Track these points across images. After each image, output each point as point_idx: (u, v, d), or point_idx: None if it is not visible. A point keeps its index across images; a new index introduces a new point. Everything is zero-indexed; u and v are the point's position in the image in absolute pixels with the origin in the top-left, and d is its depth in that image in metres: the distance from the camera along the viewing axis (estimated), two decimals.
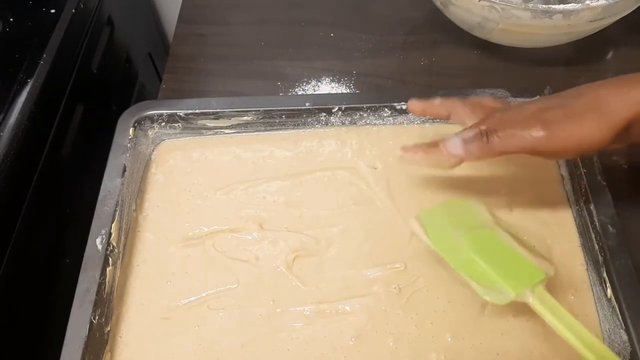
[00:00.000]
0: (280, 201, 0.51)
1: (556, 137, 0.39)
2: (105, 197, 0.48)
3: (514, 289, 0.39)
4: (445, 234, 0.43)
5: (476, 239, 0.43)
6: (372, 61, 0.66)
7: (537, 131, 0.39)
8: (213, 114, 0.54)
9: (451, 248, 0.43)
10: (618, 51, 0.66)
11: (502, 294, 0.40)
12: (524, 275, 0.41)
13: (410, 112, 0.51)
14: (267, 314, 0.45)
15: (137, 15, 0.87)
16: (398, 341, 0.44)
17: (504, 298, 0.40)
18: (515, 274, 0.41)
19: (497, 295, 0.40)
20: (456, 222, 0.45)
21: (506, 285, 0.40)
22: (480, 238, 0.43)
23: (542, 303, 0.39)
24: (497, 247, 0.43)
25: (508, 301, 0.39)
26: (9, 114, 0.51)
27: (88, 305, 0.42)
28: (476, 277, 0.41)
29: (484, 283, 0.40)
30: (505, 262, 0.42)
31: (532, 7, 0.53)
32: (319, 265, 0.48)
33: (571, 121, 0.39)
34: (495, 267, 0.41)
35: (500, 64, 0.65)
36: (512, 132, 0.40)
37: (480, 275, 0.41)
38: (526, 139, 0.40)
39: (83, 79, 0.63)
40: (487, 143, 0.40)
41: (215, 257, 0.48)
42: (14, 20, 0.59)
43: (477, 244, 0.43)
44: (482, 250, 0.42)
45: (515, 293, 0.39)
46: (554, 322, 0.39)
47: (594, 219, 0.47)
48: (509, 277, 0.40)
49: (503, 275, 0.40)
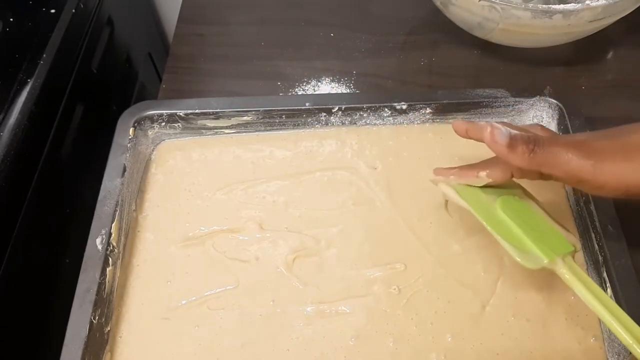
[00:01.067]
0: (280, 201, 0.51)
1: (604, 169, 0.36)
2: (105, 197, 0.48)
3: (547, 255, 0.39)
4: (478, 197, 0.43)
5: (508, 204, 0.42)
6: (372, 61, 0.66)
7: (584, 158, 0.37)
8: (213, 114, 0.54)
9: (485, 208, 0.42)
10: (618, 51, 0.66)
11: (534, 258, 0.39)
12: (554, 244, 0.40)
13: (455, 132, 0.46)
14: (267, 314, 0.45)
15: (137, 15, 0.87)
16: (398, 341, 0.44)
17: (536, 263, 0.39)
18: (546, 241, 0.40)
19: (529, 259, 0.39)
20: (487, 189, 0.44)
21: (539, 250, 0.39)
22: (512, 204, 0.43)
23: (574, 273, 0.39)
24: (528, 214, 0.42)
25: (540, 267, 0.39)
26: (9, 114, 0.51)
27: (88, 305, 0.42)
28: (510, 239, 0.40)
29: (517, 246, 0.40)
30: (536, 229, 0.41)
31: (532, 7, 0.53)
32: (319, 265, 0.48)
33: (623, 156, 0.36)
34: (528, 232, 0.40)
35: (500, 64, 0.65)
36: (558, 151, 0.37)
37: (514, 238, 0.40)
38: (571, 163, 0.37)
39: (83, 79, 0.63)
40: (532, 151, 0.38)
41: (215, 257, 0.48)
42: (14, 20, 0.58)
43: (509, 208, 0.42)
44: (514, 215, 0.42)
45: (548, 259, 0.39)
46: (583, 292, 0.38)
47: (594, 219, 0.47)
48: (541, 244, 0.40)
49: (535, 240, 0.40)
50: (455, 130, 0.46)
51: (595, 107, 0.59)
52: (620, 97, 0.62)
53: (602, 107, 0.60)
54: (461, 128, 0.45)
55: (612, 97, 0.62)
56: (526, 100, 0.54)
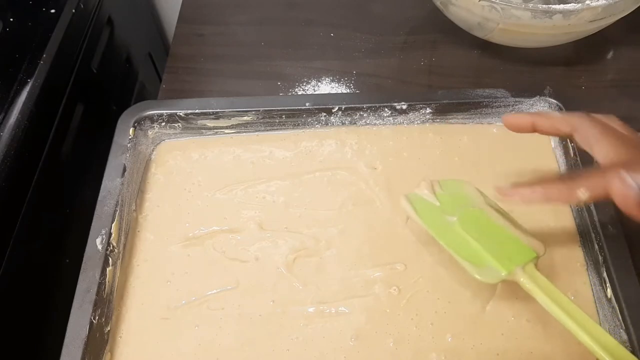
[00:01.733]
0: (280, 201, 0.51)
1: None
2: (105, 197, 0.48)
3: (504, 267, 0.39)
4: (435, 213, 0.43)
5: (466, 218, 0.43)
6: (372, 61, 0.66)
7: None
8: (213, 114, 0.54)
9: (441, 226, 0.42)
10: (618, 51, 0.66)
11: (493, 272, 0.39)
12: (514, 254, 0.40)
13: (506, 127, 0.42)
14: (267, 314, 0.45)
15: (137, 15, 0.87)
16: (398, 342, 0.44)
17: (495, 277, 0.39)
18: (505, 252, 0.40)
19: (487, 274, 0.39)
20: (445, 200, 0.44)
21: (497, 263, 0.39)
22: (470, 216, 0.43)
23: (533, 281, 0.39)
24: (487, 226, 0.42)
25: (499, 280, 0.39)
26: (9, 114, 0.51)
27: (88, 305, 0.42)
28: (467, 256, 0.40)
29: (475, 262, 0.40)
30: (495, 241, 0.41)
31: (532, 7, 0.53)
32: (319, 265, 0.48)
33: None
34: (485, 246, 0.41)
35: (500, 64, 0.65)
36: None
37: (471, 254, 0.41)
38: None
39: (83, 78, 0.63)
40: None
41: (215, 257, 0.48)
42: (14, 20, 0.58)
43: (467, 222, 0.42)
44: (472, 229, 0.42)
45: (506, 271, 0.39)
46: (545, 300, 0.38)
47: (594, 219, 0.47)
48: (500, 256, 0.40)
49: (494, 253, 0.40)
50: (511, 126, 0.41)
51: (595, 107, 0.59)
52: (620, 97, 0.62)
53: (602, 107, 0.60)
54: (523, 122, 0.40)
55: (612, 97, 0.62)
56: (526, 100, 0.54)
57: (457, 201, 0.44)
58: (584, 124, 0.39)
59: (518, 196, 0.38)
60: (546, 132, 0.40)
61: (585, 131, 0.38)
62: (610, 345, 0.36)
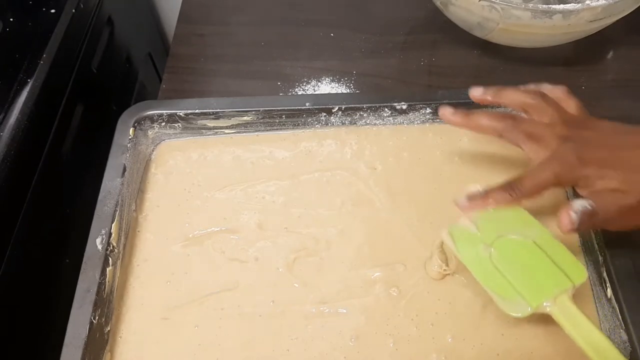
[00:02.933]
0: (279, 201, 0.51)
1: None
2: (105, 197, 0.48)
3: (533, 301, 0.39)
4: (474, 245, 0.42)
5: (503, 248, 0.42)
6: (372, 61, 0.66)
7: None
8: (213, 114, 0.54)
9: (478, 259, 0.42)
10: (618, 51, 0.66)
11: (521, 306, 0.39)
12: (547, 285, 0.40)
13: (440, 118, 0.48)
14: (267, 314, 0.45)
15: (137, 15, 0.87)
16: (398, 342, 0.44)
17: (523, 311, 0.39)
18: (537, 285, 0.40)
19: (516, 307, 0.40)
20: (485, 227, 0.43)
21: (526, 297, 0.39)
22: (508, 246, 0.42)
23: (563, 314, 0.39)
24: (525, 256, 0.42)
25: (527, 314, 0.39)
26: (9, 114, 0.51)
27: (88, 305, 0.42)
28: (497, 289, 0.40)
29: (504, 295, 0.40)
30: (529, 272, 0.41)
31: (532, 7, 0.53)
32: (319, 265, 0.48)
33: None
34: (517, 279, 0.40)
35: (500, 64, 0.65)
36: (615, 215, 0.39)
37: (502, 287, 0.40)
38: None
39: (83, 79, 0.63)
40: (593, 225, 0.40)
41: (215, 257, 0.48)
42: (14, 20, 0.58)
43: (502, 253, 0.42)
44: (507, 261, 0.41)
45: (534, 306, 0.39)
46: (573, 333, 0.38)
47: None
48: (530, 289, 0.40)
49: (524, 287, 0.40)
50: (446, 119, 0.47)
51: (595, 107, 0.59)
52: (620, 97, 0.62)
53: (602, 107, 0.60)
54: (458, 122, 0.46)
55: (612, 97, 0.62)
56: None
57: (497, 227, 0.43)
58: (508, 131, 0.44)
59: (472, 206, 0.43)
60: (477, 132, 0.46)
61: (511, 136, 0.44)
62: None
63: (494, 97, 0.47)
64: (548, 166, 0.41)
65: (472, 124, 0.46)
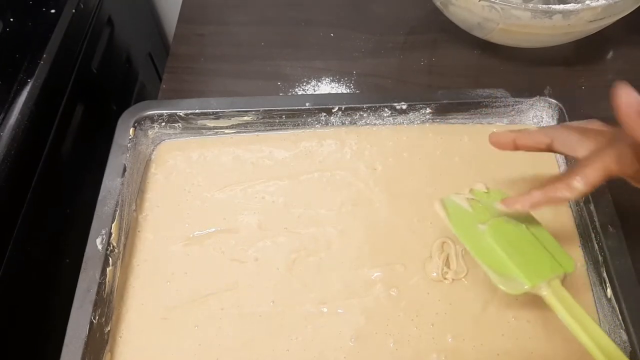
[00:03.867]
0: (279, 202, 0.51)
1: None
2: (105, 197, 0.48)
3: (529, 280, 0.39)
4: (467, 219, 0.43)
5: (498, 227, 0.42)
6: (372, 61, 0.66)
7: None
8: (213, 114, 0.54)
9: (471, 233, 0.42)
10: (618, 51, 0.66)
11: (516, 283, 0.39)
12: (541, 268, 0.40)
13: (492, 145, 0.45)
14: (267, 314, 0.45)
15: (137, 15, 0.87)
16: (398, 342, 0.44)
17: (518, 288, 0.39)
18: (533, 265, 0.40)
19: (511, 284, 0.40)
20: (479, 209, 0.44)
21: (522, 275, 0.39)
22: (502, 227, 0.42)
23: (557, 297, 0.39)
24: (517, 238, 0.42)
25: (522, 292, 0.39)
26: (9, 114, 0.51)
27: (88, 305, 0.42)
28: (493, 264, 0.40)
29: (500, 271, 0.40)
30: (523, 253, 0.41)
31: (532, 7, 0.53)
32: (319, 265, 0.48)
33: None
34: (513, 257, 0.40)
35: (500, 64, 0.65)
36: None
37: (497, 263, 0.40)
38: None
39: (83, 79, 0.63)
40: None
41: (215, 257, 0.48)
42: (14, 20, 0.58)
43: (498, 232, 0.42)
44: (502, 239, 0.42)
45: (530, 284, 0.39)
46: (566, 317, 0.38)
47: (594, 219, 0.47)
48: (526, 268, 0.40)
49: (520, 265, 0.40)
50: (497, 144, 0.43)
51: (595, 107, 0.59)
52: None
53: (602, 107, 0.60)
54: (504, 140, 0.43)
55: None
56: (526, 100, 0.54)
57: (490, 210, 0.44)
58: (561, 132, 0.41)
59: (519, 205, 0.40)
60: (527, 147, 0.43)
61: (564, 138, 0.41)
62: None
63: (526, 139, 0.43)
64: (609, 151, 0.37)
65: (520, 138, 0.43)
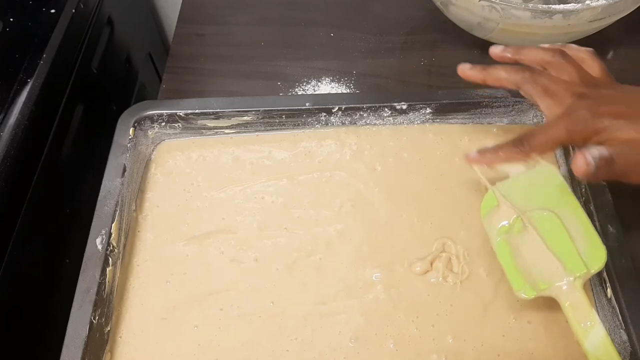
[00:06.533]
0: (279, 202, 0.51)
1: None
2: (105, 197, 0.48)
3: (542, 284, 0.40)
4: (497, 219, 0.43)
5: (525, 226, 0.42)
6: (372, 61, 0.66)
7: None
8: (213, 114, 0.54)
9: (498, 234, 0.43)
10: (618, 51, 0.66)
11: (529, 289, 0.41)
12: (559, 269, 0.41)
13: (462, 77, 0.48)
14: (267, 315, 0.45)
15: (137, 15, 0.87)
16: (398, 343, 0.44)
17: (529, 293, 0.41)
18: (550, 268, 0.41)
19: (527, 289, 0.41)
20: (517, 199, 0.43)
21: (536, 281, 0.41)
22: (530, 223, 0.42)
23: (568, 300, 0.40)
24: (545, 234, 0.42)
25: (532, 297, 0.41)
26: (9, 114, 0.51)
27: (88, 305, 0.43)
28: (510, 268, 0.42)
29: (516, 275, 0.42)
30: (544, 254, 0.41)
31: (532, 7, 0.53)
32: (318, 266, 0.48)
33: None
34: (533, 260, 0.41)
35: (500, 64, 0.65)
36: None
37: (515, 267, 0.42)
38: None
39: (83, 79, 0.63)
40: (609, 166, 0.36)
41: (215, 257, 0.48)
42: (14, 20, 0.58)
43: (523, 231, 0.42)
44: (525, 240, 0.42)
45: (544, 287, 0.40)
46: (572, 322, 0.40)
47: (594, 219, 0.46)
48: (541, 272, 0.41)
49: (536, 270, 0.41)
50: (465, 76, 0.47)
51: None
52: None
53: None
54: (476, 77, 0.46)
55: None
56: (526, 100, 0.54)
57: (527, 197, 0.43)
58: (525, 83, 0.43)
59: (482, 159, 0.43)
60: (494, 86, 0.46)
61: (528, 89, 0.43)
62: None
63: (514, 54, 0.46)
64: (560, 121, 0.40)
65: (490, 78, 0.46)
